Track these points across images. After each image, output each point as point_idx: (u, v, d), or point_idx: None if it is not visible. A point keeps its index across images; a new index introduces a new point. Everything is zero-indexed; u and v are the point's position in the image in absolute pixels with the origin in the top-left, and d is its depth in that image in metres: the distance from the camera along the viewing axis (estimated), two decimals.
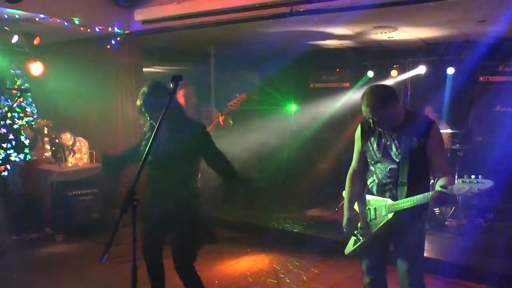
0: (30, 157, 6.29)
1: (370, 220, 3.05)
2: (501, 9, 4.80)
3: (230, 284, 4.58)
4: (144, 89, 3.21)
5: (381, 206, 2.96)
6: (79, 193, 6.10)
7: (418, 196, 2.78)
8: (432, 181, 3.19)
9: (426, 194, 2.75)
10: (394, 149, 2.91)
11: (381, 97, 2.81)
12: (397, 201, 2.88)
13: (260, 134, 7.55)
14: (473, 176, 2.58)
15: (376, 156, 2.99)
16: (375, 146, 2.99)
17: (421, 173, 2.90)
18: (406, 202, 2.83)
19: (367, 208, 3.08)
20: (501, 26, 5.63)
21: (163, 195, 3.21)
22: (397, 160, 2.89)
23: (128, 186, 2.40)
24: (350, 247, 3.20)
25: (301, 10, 5.04)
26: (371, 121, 2.88)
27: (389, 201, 2.92)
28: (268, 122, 7.95)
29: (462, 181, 2.60)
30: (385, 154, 2.94)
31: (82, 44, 6.71)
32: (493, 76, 6.41)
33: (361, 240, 3.08)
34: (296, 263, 5.14)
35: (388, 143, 2.93)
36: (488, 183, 2.56)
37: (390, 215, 2.90)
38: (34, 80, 6.39)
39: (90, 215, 6.16)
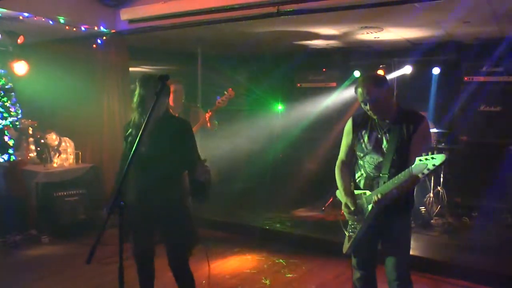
0: (14, 158, 6.21)
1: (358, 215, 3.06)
2: (485, 10, 4.86)
3: (217, 284, 4.56)
4: (138, 84, 3.20)
5: (362, 199, 3.00)
6: (65, 194, 6.04)
7: (383, 185, 2.84)
8: None
9: (389, 182, 2.81)
10: (384, 142, 2.96)
11: (376, 79, 2.97)
12: (374, 191, 2.92)
13: (247, 134, 7.56)
14: (430, 153, 2.64)
15: (366, 148, 3.02)
16: (366, 138, 3.03)
17: (403, 165, 2.89)
18: (375, 194, 2.87)
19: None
20: (485, 27, 5.72)
21: (152, 194, 3.19)
22: (386, 153, 2.94)
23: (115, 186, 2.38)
24: (346, 245, 3.18)
25: (288, 10, 5.05)
26: (365, 104, 2.91)
27: (368, 193, 2.97)
28: (255, 122, 7.96)
29: (420, 160, 2.66)
30: (376, 146, 2.98)
31: (67, 43, 6.65)
32: (478, 76, 6.49)
33: (353, 236, 3.07)
34: (284, 263, 5.15)
35: (379, 136, 2.99)
36: (440, 158, 2.61)
37: (369, 207, 2.93)
38: (18, 80, 6.31)
39: (76, 216, 6.10)
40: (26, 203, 6.06)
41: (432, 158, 2.61)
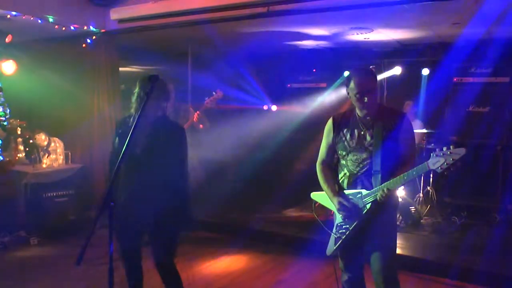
0: (2, 158, 6.15)
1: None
2: (473, 12, 4.90)
3: (207, 284, 4.56)
4: (137, 84, 3.22)
5: (356, 198, 2.96)
6: (54, 194, 5.99)
7: (391, 181, 2.80)
8: None
9: (398, 178, 2.78)
10: (368, 138, 2.94)
11: (372, 72, 3.02)
12: (372, 190, 2.89)
13: (237, 134, 7.55)
14: (444, 148, 2.65)
15: (349, 146, 3.00)
16: (348, 136, 3.02)
17: (393, 161, 2.93)
18: (380, 189, 2.84)
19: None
20: (474, 28, 5.77)
21: (142, 194, 3.19)
22: (370, 149, 2.92)
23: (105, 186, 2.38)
24: (331, 247, 3.15)
25: (278, 10, 5.05)
26: (361, 95, 2.88)
27: (364, 191, 2.93)
28: (245, 122, 7.94)
29: (436, 155, 2.67)
30: (359, 143, 2.97)
31: (56, 43, 6.59)
32: (466, 77, 6.55)
33: (342, 238, 3.04)
34: (273, 263, 5.15)
35: (362, 133, 2.98)
36: (460, 152, 2.62)
37: (368, 206, 2.91)
38: (6, 79, 6.25)
39: (66, 217, 6.06)
40: (14, 204, 5.99)
41: (450, 152, 2.62)
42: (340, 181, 3.10)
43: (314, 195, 3.33)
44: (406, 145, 2.95)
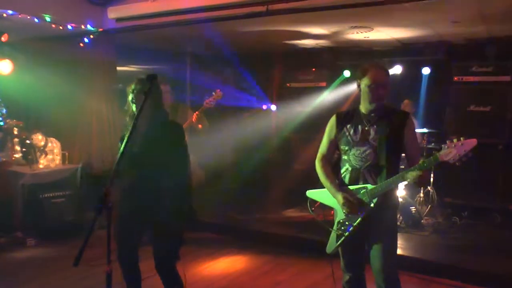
0: None
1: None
2: (474, 11, 4.88)
3: (207, 285, 4.53)
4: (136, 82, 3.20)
5: (361, 194, 2.93)
6: (52, 195, 5.95)
7: (396, 176, 2.82)
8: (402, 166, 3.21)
9: (402, 173, 2.80)
10: (372, 133, 2.95)
11: (386, 68, 3.05)
12: (378, 185, 2.87)
13: (236, 134, 7.52)
14: (455, 139, 2.64)
15: (353, 141, 2.99)
16: (351, 131, 3.02)
17: (396, 156, 2.99)
18: (386, 184, 2.84)
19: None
20: (474, 27, 5.75)
21: (141, 193, 3.17)
22: (374, 144, 2.92)
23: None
24: (332, 244, 3.10)
25: (277, 9, 5.02)
26: (376, 86, 2.89)
27: (370, 186, 2.90)
28: (244, 122, 7.92)
29: (447, 147, 2.67)
30: (363, 138, 2.97)
31: (54, 42, 6.55)
32: (467, 76, 6.52)
33: (345, 234, 3.00)
34: (273, 263, 5.12)
35: (366, 128, 2.98)
36: (472, 142, 2.62)
37: (374, 200, 2.88)
38: (3, 79, 6.21)
39: (63, 218, 6.00)
40: (11, 205, 5.95)
41: (462, 144, 2.62)
42: (342, 176, 3.07)
43: (310, 193, 3.29)
44: (411, 143, 2.99)
